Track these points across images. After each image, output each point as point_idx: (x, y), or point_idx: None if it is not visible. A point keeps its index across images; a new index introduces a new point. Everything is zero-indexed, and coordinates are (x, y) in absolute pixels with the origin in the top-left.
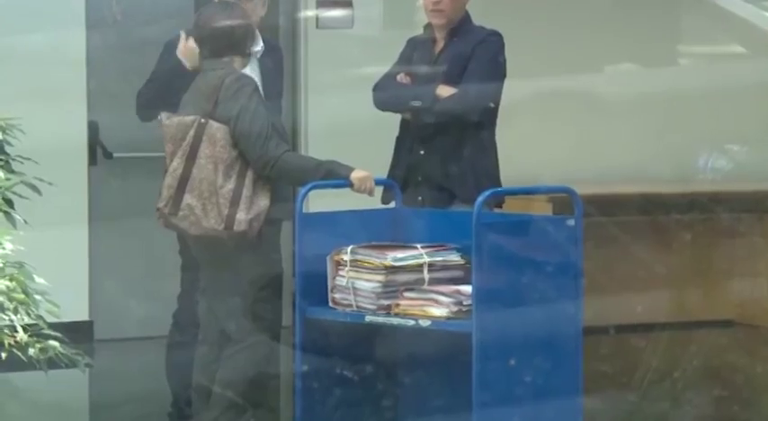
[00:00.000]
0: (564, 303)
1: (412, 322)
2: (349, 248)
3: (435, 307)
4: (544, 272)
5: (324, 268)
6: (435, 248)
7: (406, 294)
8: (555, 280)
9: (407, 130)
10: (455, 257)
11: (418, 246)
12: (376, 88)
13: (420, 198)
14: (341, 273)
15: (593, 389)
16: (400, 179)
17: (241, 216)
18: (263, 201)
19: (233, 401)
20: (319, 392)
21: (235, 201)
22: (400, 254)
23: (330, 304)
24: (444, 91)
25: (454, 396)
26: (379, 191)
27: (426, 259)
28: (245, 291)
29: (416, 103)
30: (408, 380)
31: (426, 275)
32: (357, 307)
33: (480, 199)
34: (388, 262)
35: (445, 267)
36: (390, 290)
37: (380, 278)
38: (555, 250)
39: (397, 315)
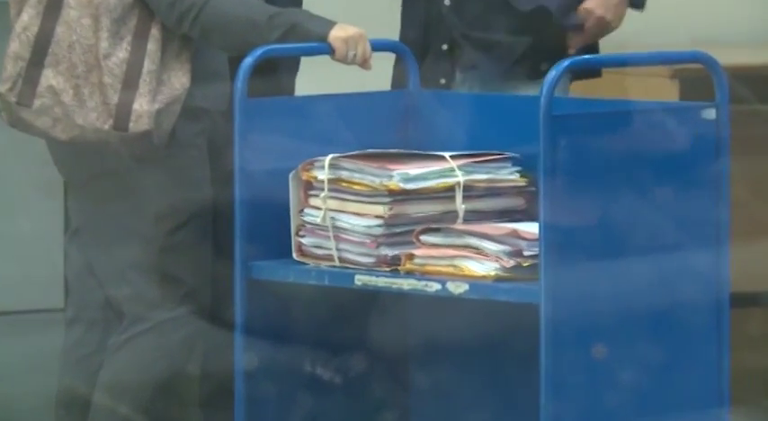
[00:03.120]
0: (696, 254)
1: (436, 286)
2: (327, 159)
3: (476, 260)
4: (662, 200)
5: (283, 194)
6: (476, 159)
7: (426, 238)
8: (680, 214)
9: None
10: (509, 175)
11: (446, 155)
12: None
13: (443, 80)
14: (313, 202)
15: (744, 394)
16: (416, 45)
17: (142, 105)
18: (179, 81)
19: (126, 418)
20: (276, 400)
21: (131, 81)
22: (415, 168)
23: (294, 256)
24: None
25: (505, 405)
26: (383, 63)
27: (461, 178)
28: (149, 235)
29: None
30: (426, 380)
31: (461, 206)
32: (341, 260)
33: (553, 74)
34: (395, 183)
35: (493, 192)
36: (399, 231)
37: (382, 210)
38: (681, 162)
39: (409, 274)
